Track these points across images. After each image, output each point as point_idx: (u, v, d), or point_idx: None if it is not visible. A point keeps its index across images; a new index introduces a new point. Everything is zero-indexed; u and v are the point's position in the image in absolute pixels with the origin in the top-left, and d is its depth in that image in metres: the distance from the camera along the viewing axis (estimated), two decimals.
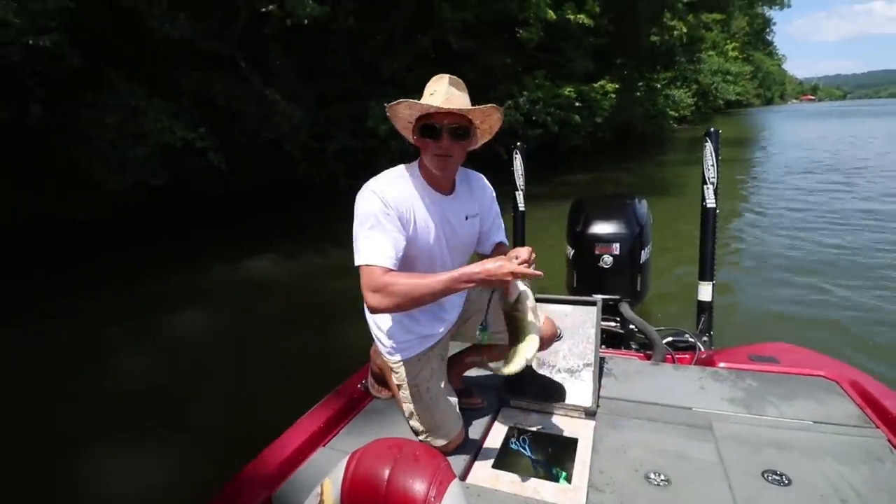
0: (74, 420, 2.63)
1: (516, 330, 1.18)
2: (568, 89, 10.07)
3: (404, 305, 1.12)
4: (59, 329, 3.79)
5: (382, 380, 1.54)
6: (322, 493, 0.91)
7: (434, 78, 1.23)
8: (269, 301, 4.35)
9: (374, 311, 1.14)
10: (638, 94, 14.94)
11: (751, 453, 1.26)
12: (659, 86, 16.85)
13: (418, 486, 0.85)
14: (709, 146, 2.12)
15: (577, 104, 10.18)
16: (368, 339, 1.43)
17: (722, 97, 32.51)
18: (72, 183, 5.87)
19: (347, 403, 1.53)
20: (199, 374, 3.07)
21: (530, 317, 1.16)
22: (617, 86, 11.30)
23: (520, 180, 2.47)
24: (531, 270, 1.11)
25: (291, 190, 8.62)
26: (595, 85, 10.95)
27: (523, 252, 1.14)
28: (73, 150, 5.40)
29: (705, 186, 2.17)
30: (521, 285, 1.16)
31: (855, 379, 1.55)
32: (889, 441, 1.29)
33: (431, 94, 1.20)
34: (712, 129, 2.16)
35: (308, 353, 3.31)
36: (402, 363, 1.32)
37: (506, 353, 1.19)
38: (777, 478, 1.18)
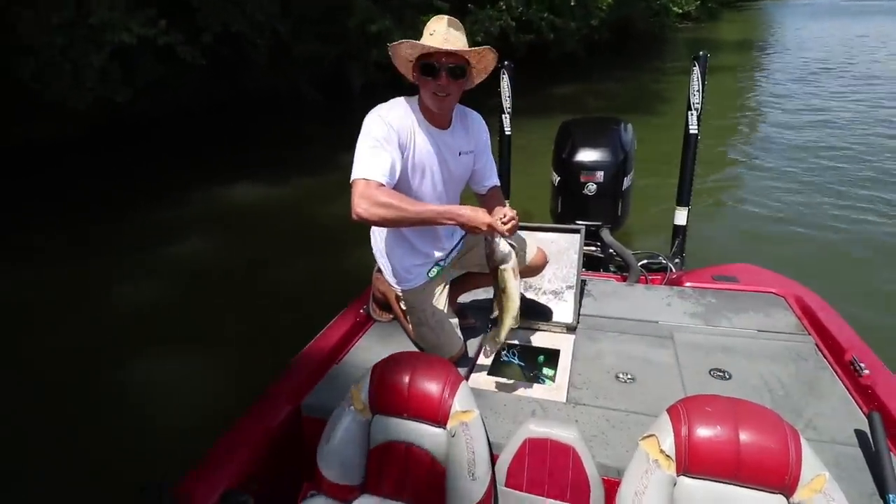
0: (99, 341, 2.91)
1: (500, 290, 1.35)
2: None
3: (388, 220, 1.23)
4: (53, 261, 3.91)
5: (384, 304, 1.77)
6: (353, 398, 1.17)
7: (433, 18, 1.34)
8: (258, 226, 4.50)
9: (359, 218, 1.21)
10: None
11: (702, 356, 1.56)
12: None
13: (435, 388, 1.11)
14: (696, 71, 2.18)
15: (571, 3, 9.52)
16: (365, 264, 1.61)
17: None
18: (11, 101, 5.45)
19: (353, 326, 1.76)
20: (205, 300, 3.33)
21: (511, 278, 1.32)
22: None
23: (506, 102, 2.50)
24: (502, 227, 1.25)
25: (252, 104, 8.21)
26: None
27: (509, 212, 1.29)
28: (14, 62, 4.93)
29: (689, 112, 2.26)
30: (506, 246, 1.31)
31: (799, 294, 1.84)
32: (816, 344, 1.59)
33: (431, 35, 1.30)
34: (701, 53, 2.21)
35: (306, 275, 3.55)
36: (410, 291, 1.53)
37: (496, 308, 1.39)
38: (720, 374, 1.48)
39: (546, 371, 1.60)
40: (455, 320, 1.61)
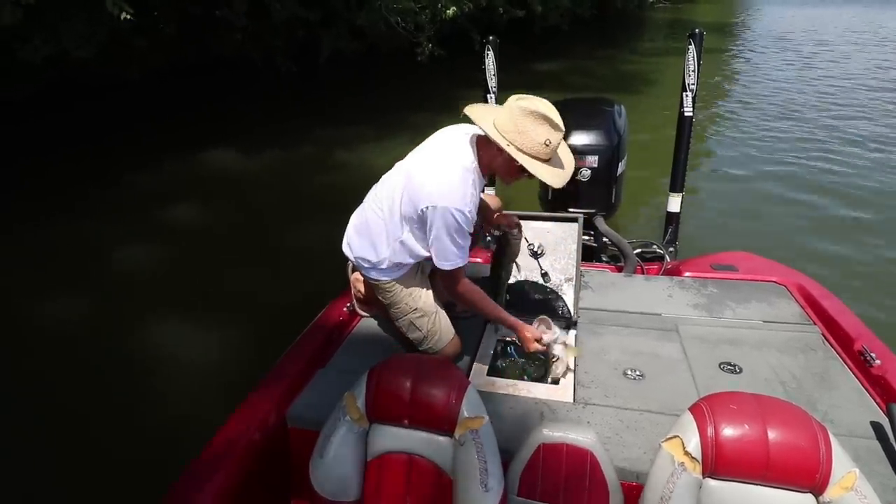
0: (98, 307, 2.96)
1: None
2: None
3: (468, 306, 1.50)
4: (36, 228, 3.90)
5: (366, 301, 1.71)
6: (347, 406, 1.11)
7: (540, 115, 1.32)
8: (238, 197, 4.49)
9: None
10: None
11: (710, 349, 1.57)
12: None
13: (440, 393, 1.06)
14: (692, 50, 2.16)
15: None
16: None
17: None
18: None
19: (338, 325, 1.70)
20: (189, 268, 3.37)
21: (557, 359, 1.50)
22: None
23: (492, 81, 2.42)
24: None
25: (226, 71, 8.01)
26: None
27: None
28: None
29: (684, 93, 2.25)
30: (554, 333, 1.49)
31: (801, 283, 1.88)
32: (822, 334, 1.63)
33: (546, 145, 1.34)
34: (697, 31, 2.19)
35: (296, 245, 3.59)
36: (393, 282, 1.48)
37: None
38: (731, 368, 1.49)
39: (548, 370, 1.56)
40: (444, 312, 1.57)
